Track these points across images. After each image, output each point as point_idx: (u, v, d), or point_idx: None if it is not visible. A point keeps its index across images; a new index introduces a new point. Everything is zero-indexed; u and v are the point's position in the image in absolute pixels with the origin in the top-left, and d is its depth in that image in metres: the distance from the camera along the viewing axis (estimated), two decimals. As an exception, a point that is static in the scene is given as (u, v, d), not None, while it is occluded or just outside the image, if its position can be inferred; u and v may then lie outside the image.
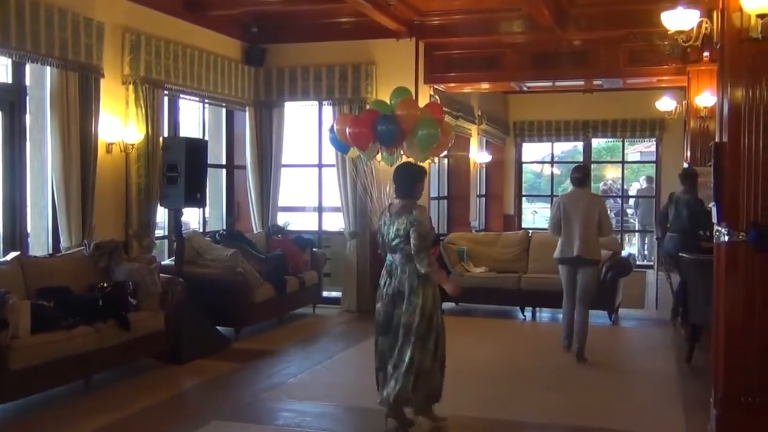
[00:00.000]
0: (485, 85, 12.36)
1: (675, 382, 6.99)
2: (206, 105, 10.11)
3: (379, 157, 8.43)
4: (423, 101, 9.87)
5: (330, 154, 10.36)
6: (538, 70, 10.84)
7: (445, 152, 11.22)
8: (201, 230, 10.02)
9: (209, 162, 8.75)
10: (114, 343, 6.54)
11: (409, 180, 5.54)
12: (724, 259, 5.00)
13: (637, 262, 11.26)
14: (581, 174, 7.87)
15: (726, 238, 4.92)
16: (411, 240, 5.29)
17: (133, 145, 8.09)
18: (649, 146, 17.98)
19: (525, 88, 13.17)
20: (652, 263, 13.83)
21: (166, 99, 8.77)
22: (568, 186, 22.24)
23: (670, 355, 8.05)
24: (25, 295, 6.25)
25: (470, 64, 10.83)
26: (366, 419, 5.99)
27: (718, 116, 5.24)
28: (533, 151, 17.73)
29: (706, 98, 9.71)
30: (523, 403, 6.24)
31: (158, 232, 9.00)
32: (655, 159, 16.21)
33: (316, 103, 10.73)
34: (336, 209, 10.76)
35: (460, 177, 13.57)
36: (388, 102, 8.13)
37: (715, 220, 5.10)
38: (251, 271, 8.80)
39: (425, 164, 9.72)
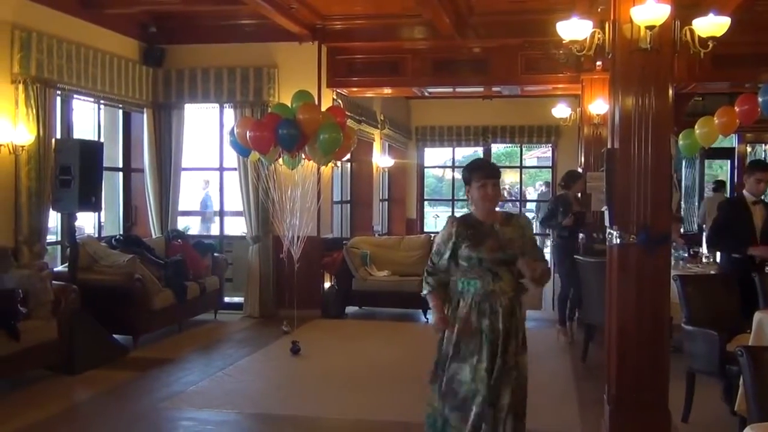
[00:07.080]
0: (387, 90, 12.44)
1: (571, 380, 7.21)
2: (102, 106, 9.78)
3: (281, 160, 8.37)
4: (325, 105, 9.87)
5: (232, 157, 10.21)
6: (439, 76, 10.97)
7: (348, 156, 11.25)
8: (96, 235, 9.68)
9: (105, 165, 8.49)
10: (2, 354, 6.26)
11: None
12: (616, 261, 5.17)
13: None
14: (715, 185, 13.30)
15: (618, 240, 5.11)
16: None
17: (23, 146, 7.74)
18: (545, 152, 18.49)
19: (426, 94, 13.33)
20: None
21: (58, 99, 8.43)
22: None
23: (566, 355, 8.29)
24: None
25: (372, 68, 10.88)
26: (268, 426, 5.93)
27: (609, 123, 5.42)
28: (435, 156, 17.94)
29: (598, 106, 10.05)
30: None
31: (51, 238, 8.65)
32: (551, 164, 16.66)
33: (217, 105, 10.56)
34: (238, 213, 10.61)
35: (362, 181, 13.61)
36: (289, 106, 8.09)
37: (607, 223, 5.28)
38: (150, 278, 8.57)
39: (327, 168, 9.77)
